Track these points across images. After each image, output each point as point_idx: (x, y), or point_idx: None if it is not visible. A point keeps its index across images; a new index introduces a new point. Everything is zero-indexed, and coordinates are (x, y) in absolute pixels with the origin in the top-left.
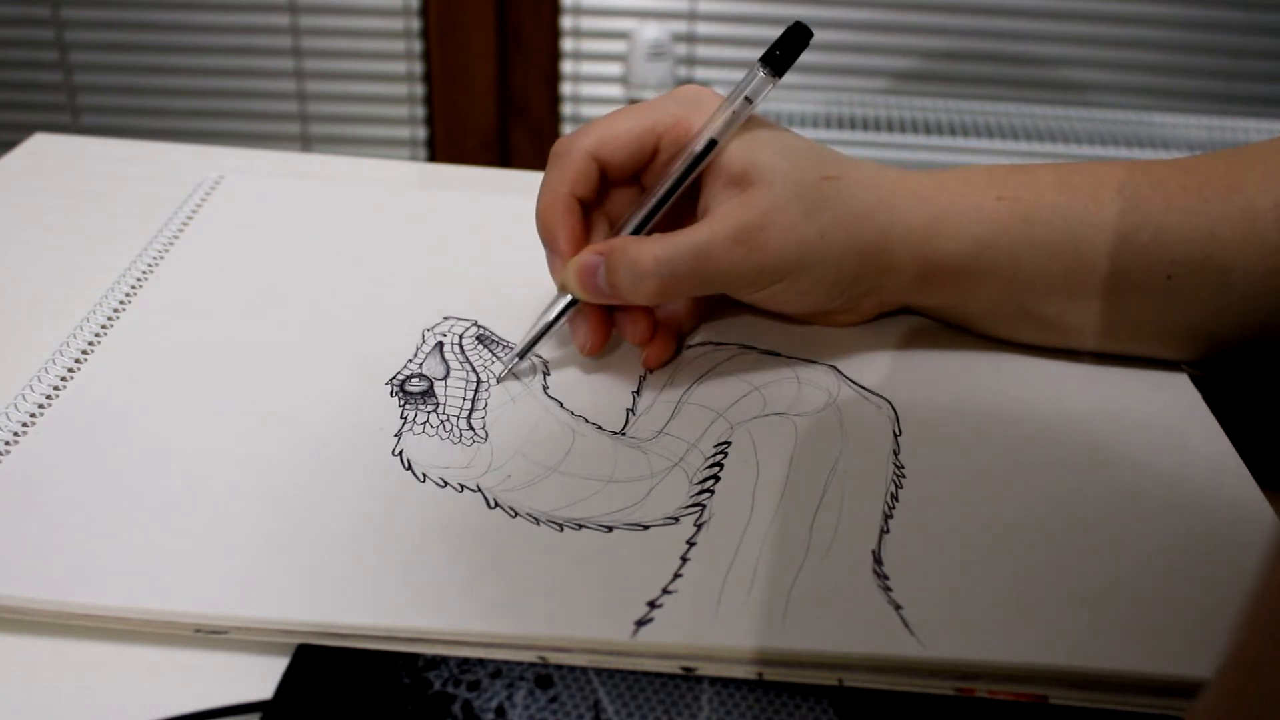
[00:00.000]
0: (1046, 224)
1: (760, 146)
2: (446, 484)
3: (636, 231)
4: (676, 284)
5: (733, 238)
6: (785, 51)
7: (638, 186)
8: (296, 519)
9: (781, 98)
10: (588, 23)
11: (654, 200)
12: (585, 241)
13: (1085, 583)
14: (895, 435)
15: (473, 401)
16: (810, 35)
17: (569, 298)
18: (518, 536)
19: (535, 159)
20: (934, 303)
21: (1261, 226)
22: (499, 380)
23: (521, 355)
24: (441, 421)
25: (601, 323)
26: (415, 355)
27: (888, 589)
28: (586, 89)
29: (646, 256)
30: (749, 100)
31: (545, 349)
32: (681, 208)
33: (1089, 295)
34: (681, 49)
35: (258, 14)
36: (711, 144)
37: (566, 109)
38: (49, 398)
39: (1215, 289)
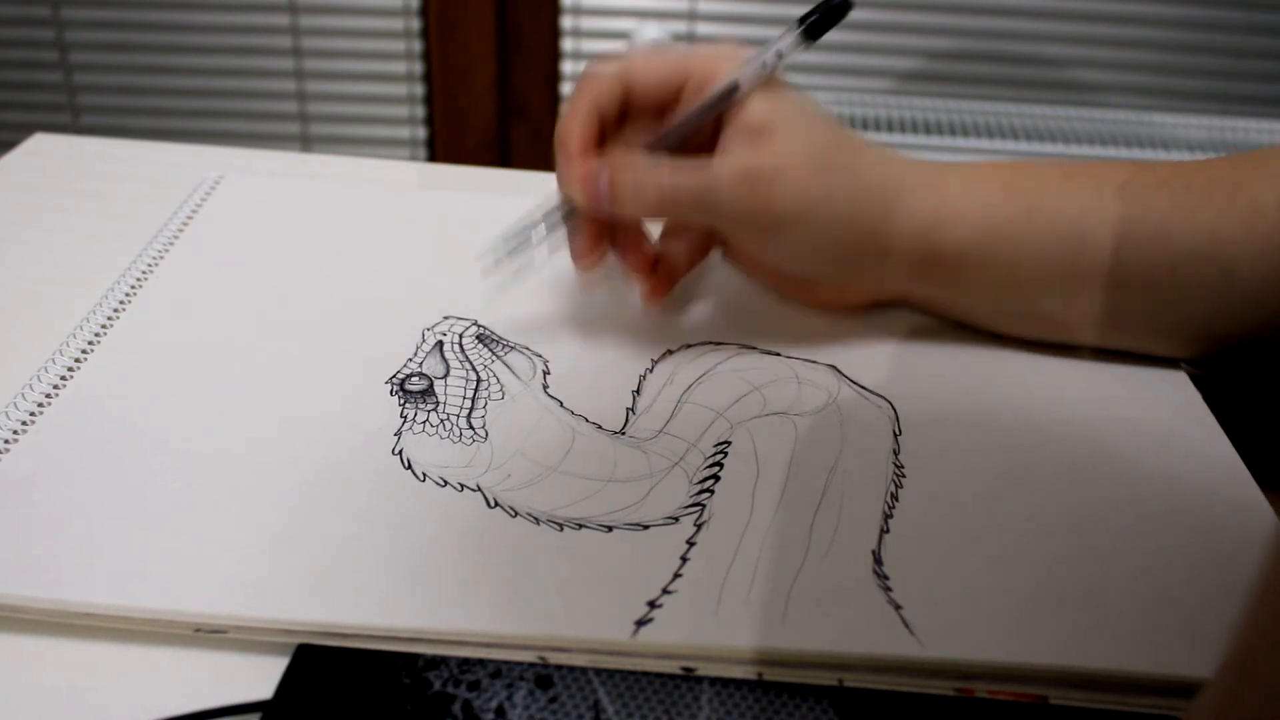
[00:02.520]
0: (1050, 215)
1: (783, 105)
2: (446, 483)
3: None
4: (676, 200)
5: (738, 176)
6: (822, 19)
7: (658, 126)
8: (296, 518)
9: None
10: (588, 23)
11: (669, 128)
12: (596, 152)
13: (1085, 583)
14: (895, 435)
15: (473, 401)
16: (849, 8)
17: (568, 207)
18: (518, 536)
19: (535, 159)
20: (933, 293)
21: (1266, 225)
22: (488, 268)
23: (510, 254)
24: (441, 421)
25: (600, 237)
26: (415, 355)
27: (888, 589)
28: None
29: (651, 169)
30: (780, 55)
31: (546, 350)
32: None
33: (1091, 288)
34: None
35: (258, 14)
36: (734, 86)
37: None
38: (49, 397)
39: (1218, 286)
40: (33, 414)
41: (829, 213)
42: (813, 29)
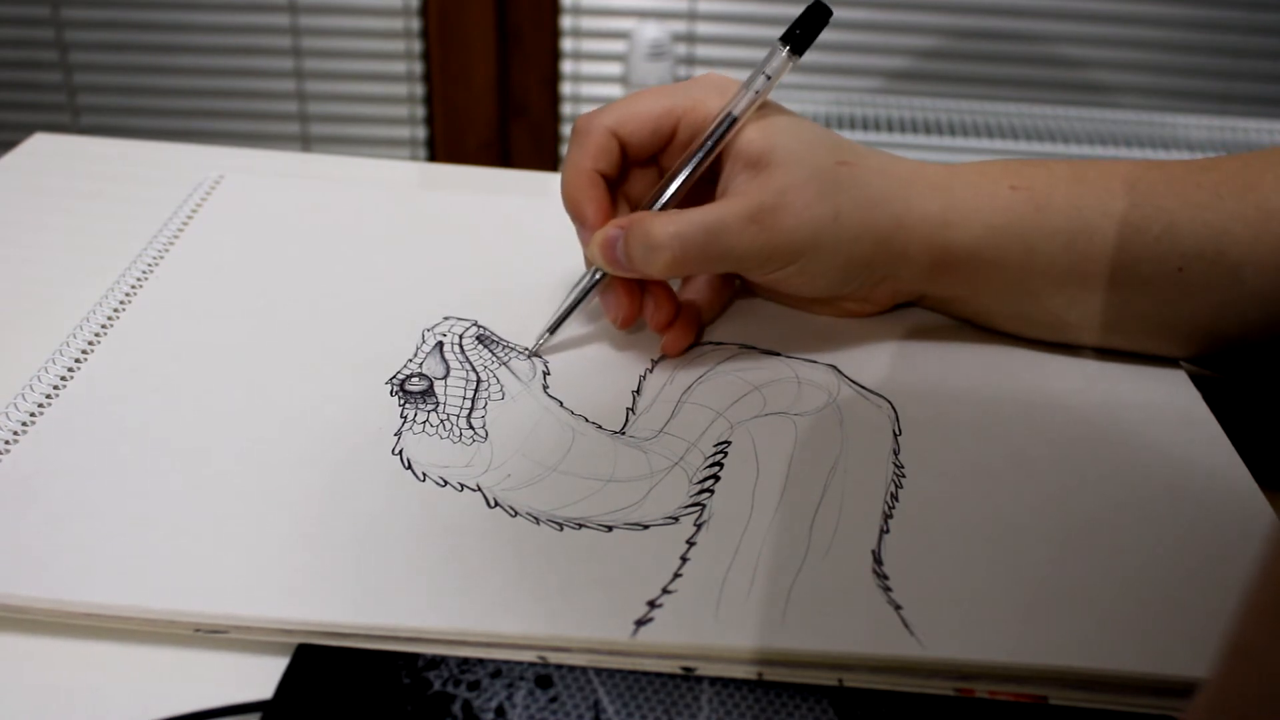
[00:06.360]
0: (1059, 213)
1: (778, 132)
2: (446, 483)
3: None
4: (687, 258)
5: (746, 216)
6: (805, 30)
7: (657, 169)
8: (296, 518)
9: (786, 98)
10: (588, 23)
11: (674, 177)
12: (612, 214)
13: (1085, 583)
14: (895, 435)
15: (472, 401)
16: (829, 14)
17: (598, 272)
18: (518, 536)
19: (535, 159)
20: (947, 293)
21: (1276, 225)
22: (529, 355)
23: (553, 330)
24: (441, 421)
25: (632, 295)
26: (415, 355)
27: (888, 589)
28: (586, 89)
29: (659, 230)
30: (768, 78)
31: (546, 350)
32: (702, 193)
33: (1100, 286)
34: (681, 49)
35: (258, 14)
36: (731, 120)
37: (566, 109)
38: (49, 397)
39: (1226, 285)
40: (33, 414)
41: (841, 232)
42: (798, 43)
